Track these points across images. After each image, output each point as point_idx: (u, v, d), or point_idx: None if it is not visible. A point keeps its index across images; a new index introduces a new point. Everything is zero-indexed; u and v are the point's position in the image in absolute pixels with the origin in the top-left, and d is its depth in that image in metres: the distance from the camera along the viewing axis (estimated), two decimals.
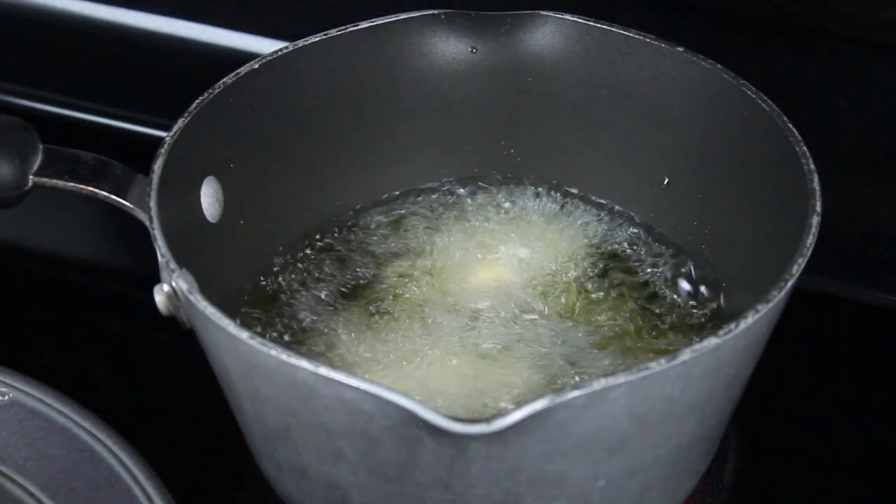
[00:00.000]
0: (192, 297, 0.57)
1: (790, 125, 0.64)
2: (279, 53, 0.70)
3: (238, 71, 0.68)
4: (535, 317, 0.69)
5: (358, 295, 0.71)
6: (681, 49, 0.70)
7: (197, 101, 0.66)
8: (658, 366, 0.52)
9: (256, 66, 0.69)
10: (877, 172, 0.84)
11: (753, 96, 0.66)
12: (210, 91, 0.67)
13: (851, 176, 0.83)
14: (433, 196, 0.76)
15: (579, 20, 0.72)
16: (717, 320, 0.69)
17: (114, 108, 0.93)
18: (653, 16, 0.84)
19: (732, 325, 0.55)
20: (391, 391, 0.51)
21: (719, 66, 0.68)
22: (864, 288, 0.80)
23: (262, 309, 0.70)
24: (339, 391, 0.53)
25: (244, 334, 0.54)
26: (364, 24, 0.72)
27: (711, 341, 0.54)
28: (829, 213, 0.60)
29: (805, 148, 0.63)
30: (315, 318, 0.69)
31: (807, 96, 0.82)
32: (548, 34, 0.72)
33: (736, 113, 0.67)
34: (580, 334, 0.68)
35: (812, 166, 0.62)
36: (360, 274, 0.72)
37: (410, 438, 0.53)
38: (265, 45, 0.88)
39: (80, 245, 0.86)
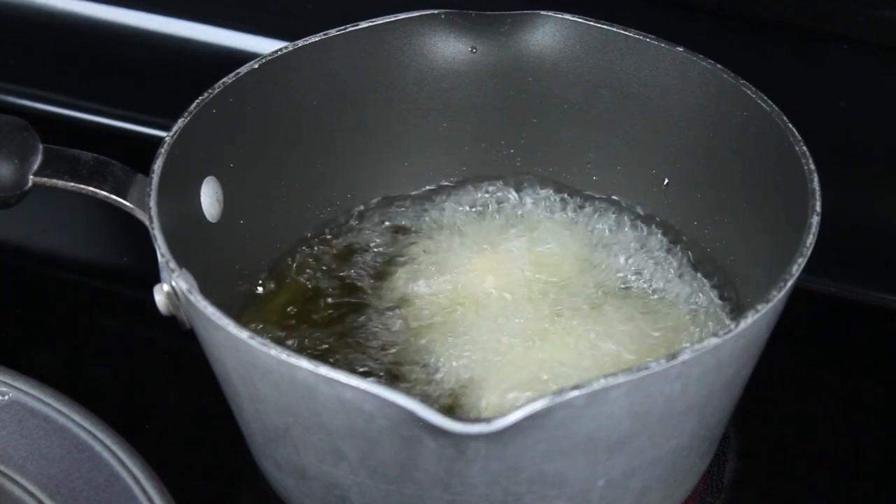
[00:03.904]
0: (191, 297, 0.57)
1: (790, 125, 0.64)
2: (279, 53, 0.70)
3: (238, 71, 0.68)
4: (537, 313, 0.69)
5: (364, 295, 0.71)
6: (681, 49, 0.70)
7: (197, 101, 0.66)
8: (658, 365, 0.52)
9: (256, 66, 0.69)
10: (877, 172, 0.84)
11: (753, 96, 0.66)
12: (210, 91, 0.67)
13: (851, 176, 0.83)
14: (433, 196, 0.76)
15: (579, 20, 0.72)
16: (716, 320, 0.69)
17: (114, 108, 0.93)
18: (653, 16, 0.84)
19: (732, 325, 0.55)
20: (391, 391, 0.51)
21: (719, 66, 0.68)
22: (864, 288, 0.80)
23: (261, 308, 0.70)
24: (338, 391, 0.53)
25: (244, 334, 0.54)
26: (364, 24, 0.71)
27: (711, 341, 0.54)
28: (829, 213, 0.60)
29: (805, 148, 0.63)
30: (324, 319, 0.70)
31: (807, 96, 0.82)
32: (548, 34, 0.72)
33: (736, 113, 0.67)
34: (580, 331, 0.68)
35: (812, 166, 0.62)
36: (363, 274, 0.72)
37: (410, 438, 0.53)
38: (265, 45, 0.88)
39: (80, 245, 0.86)
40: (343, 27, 0.71)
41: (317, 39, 0.71)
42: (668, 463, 0.60)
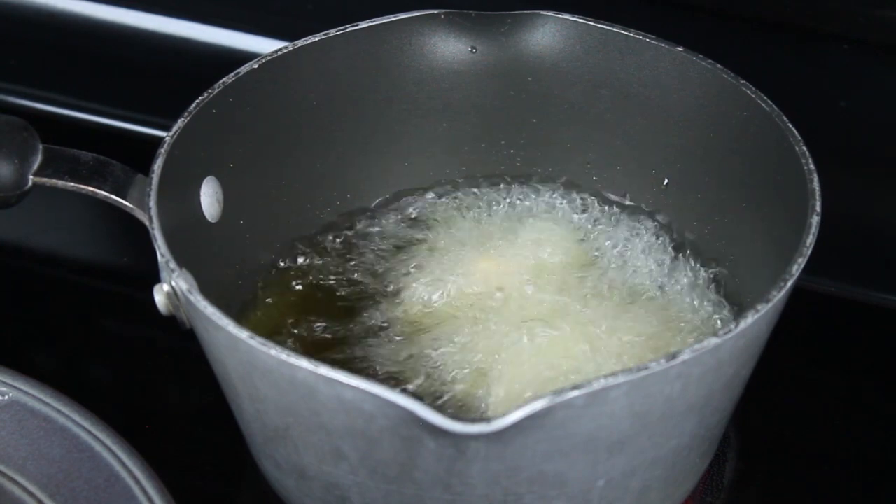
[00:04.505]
0: (191, 297, 0.57)
1: (790, 125, 0.64)
2: (279, 53, 0.70)
3: (238, 71, 0.68)
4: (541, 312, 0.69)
5: (365, 294, 0.71)
6: (681, 49, 0.70)
7: (197, 101, 0.66)
8: (658, 365, 0.52)
9: (256, 66, 0.69)
10: (877, 172, 0.84)
11: (753, 96, 0.66)
12: (210, 91, 0.67)
13: (851, 176, 0.83)
14: (433, 196, 0.76)
15: (579, 20, 0.71)
16: (716, 319, 0.69)
17: (114, 109, 0.93)
18: (653, 16, 0.84)
19: (732, 325, 0.55)
20: (390, 391, 0.51)
21: (719, 66, 0.68)
22: (864, 288, 0.80)
23: (261, 308, 0.70)
24: (338, 391, 0.53)
25: (244, 334, 0.54)
26: (364, 24, 0.71)
27: (711, 341, 0.54)
28: (829, 213, 0.60)
29: (805, 148, 0.63)
30: (325, 320, 0.70)
31: (807, 96, 0.82)
32: (548, 34, 0.72)
33: (736, 113, 0.67)
34: (583, 330, 0.68)
35: (812, 166, 0.62)
36: (364, 274, 0.72)
37: (410, 438, 0.53)
38: (265, 45, 0.88)
39: (80, 245, 0.86)
40: (343, 27, 0.71)
41: (317, 39, 0.71)
42: (668, 463, 0.60)
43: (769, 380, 0.65)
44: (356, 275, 0.72)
